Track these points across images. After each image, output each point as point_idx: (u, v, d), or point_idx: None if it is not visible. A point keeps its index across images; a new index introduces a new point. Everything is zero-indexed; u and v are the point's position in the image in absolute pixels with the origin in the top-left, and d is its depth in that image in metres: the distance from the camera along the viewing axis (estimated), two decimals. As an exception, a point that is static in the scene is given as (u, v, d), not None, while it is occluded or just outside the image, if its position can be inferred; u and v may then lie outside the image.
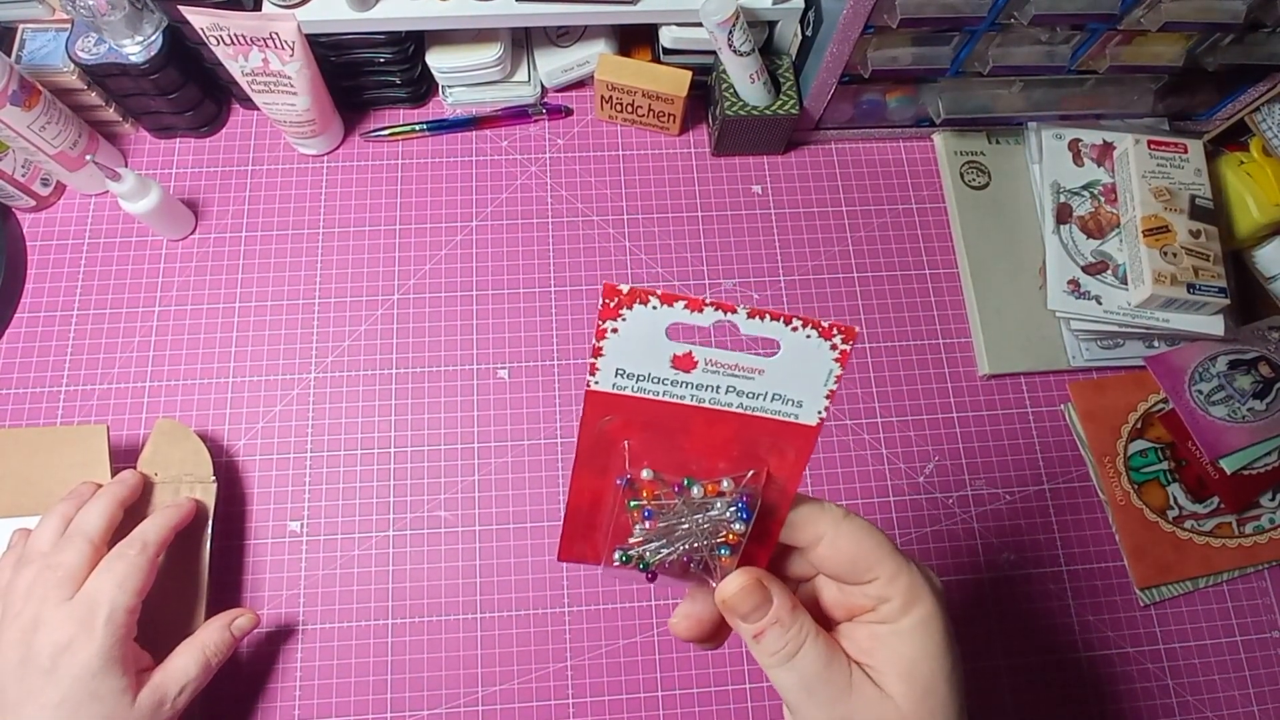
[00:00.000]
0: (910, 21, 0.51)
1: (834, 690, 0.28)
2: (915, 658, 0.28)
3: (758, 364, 0.28)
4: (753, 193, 0.64)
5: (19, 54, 0.55)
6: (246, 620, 0.48)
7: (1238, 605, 0.57)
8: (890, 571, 0.28)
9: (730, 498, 0.28)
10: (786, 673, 0.28)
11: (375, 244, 0.61)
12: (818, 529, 0.29)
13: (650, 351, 0.27)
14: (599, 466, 0.29)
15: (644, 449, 0.29)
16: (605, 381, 0.28)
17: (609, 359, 0.27)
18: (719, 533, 0.29)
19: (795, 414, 0.28)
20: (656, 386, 0.28)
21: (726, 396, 0.28)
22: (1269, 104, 0.61)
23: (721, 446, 0.29)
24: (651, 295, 0.26)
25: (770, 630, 0.28)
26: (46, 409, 0.56)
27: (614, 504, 0.29)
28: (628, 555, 0.29)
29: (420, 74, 0.62)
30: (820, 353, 0.27)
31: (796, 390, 0.28)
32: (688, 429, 0.28)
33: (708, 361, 0.28)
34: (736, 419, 0.28)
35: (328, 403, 0.57)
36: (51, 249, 0.59)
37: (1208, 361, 0.59)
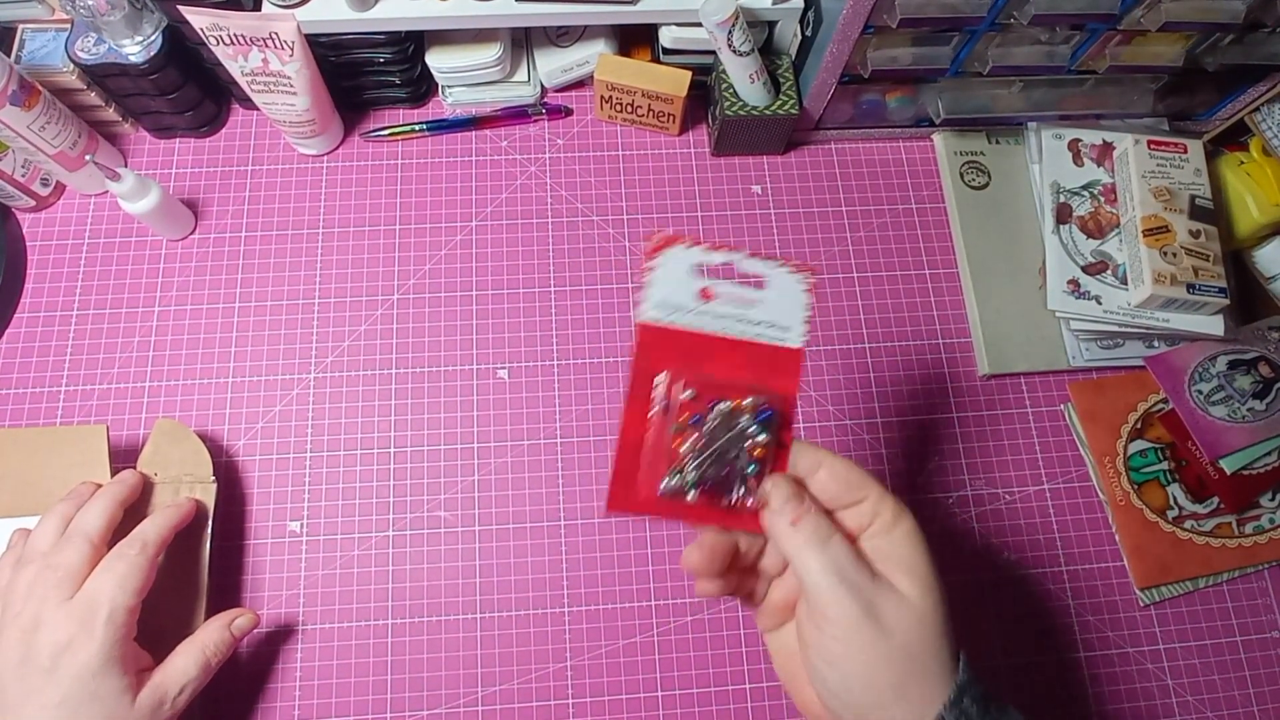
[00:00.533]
0: (910, 21, 0.51)
1: (863, 576, 0.32)
2: (913, 560, 0.33)
3: (755, 295, 0.35)
4: (752, 193, 0.64)
5: (19, 54, 0.55)
6: (246, 620, 0.48)
7: (1238, 605, 0.57)
8: (878, 492, 0.34)
9: (753, 412, 0.34)
10: (821, 557, 0.32)
11: (375, 244, 0.61)
12: (818, 458, 0.34)
13: (683, 284, 0.35)
14: (646, 398, 0.35)
15: (678, 378, 0.35)
16: (650, 312, 0.35)
17: (656, 289, 0.35)
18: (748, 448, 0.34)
19: (784, 338, 0.35)
20: (688, 315, 0.35)
21: (737, 324, 0.35)
22: (1269, 104, 0.61)
23: (737, 370, 0.35)
24: (684, 239, 0.35)
25: (806, 516, 0.33)
26: (46, 409, 0.56)
27: (657, 438, 0.34)
28: (674, 475, 0.34)
29: (420, 74, 0.62)
30: (795, 285, 0.35)
31: (784, 318, 0.35)
32: (713, 356, 0.35)
33: (722, 293, 0.35)
34: (746, 346, 0.35)
35: (328, 403, 0.57)
36: (51, 249, 0.59)
37: (1208, 361, 0.59)
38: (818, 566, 0.32)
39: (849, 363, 0.60)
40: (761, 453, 0.34)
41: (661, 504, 0.34)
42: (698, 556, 0.34)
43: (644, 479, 0.34)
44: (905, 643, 0.32)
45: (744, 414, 0.34)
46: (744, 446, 0.34)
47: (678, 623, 0.54)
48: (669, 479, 0.34)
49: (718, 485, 0.34)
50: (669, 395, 0.34)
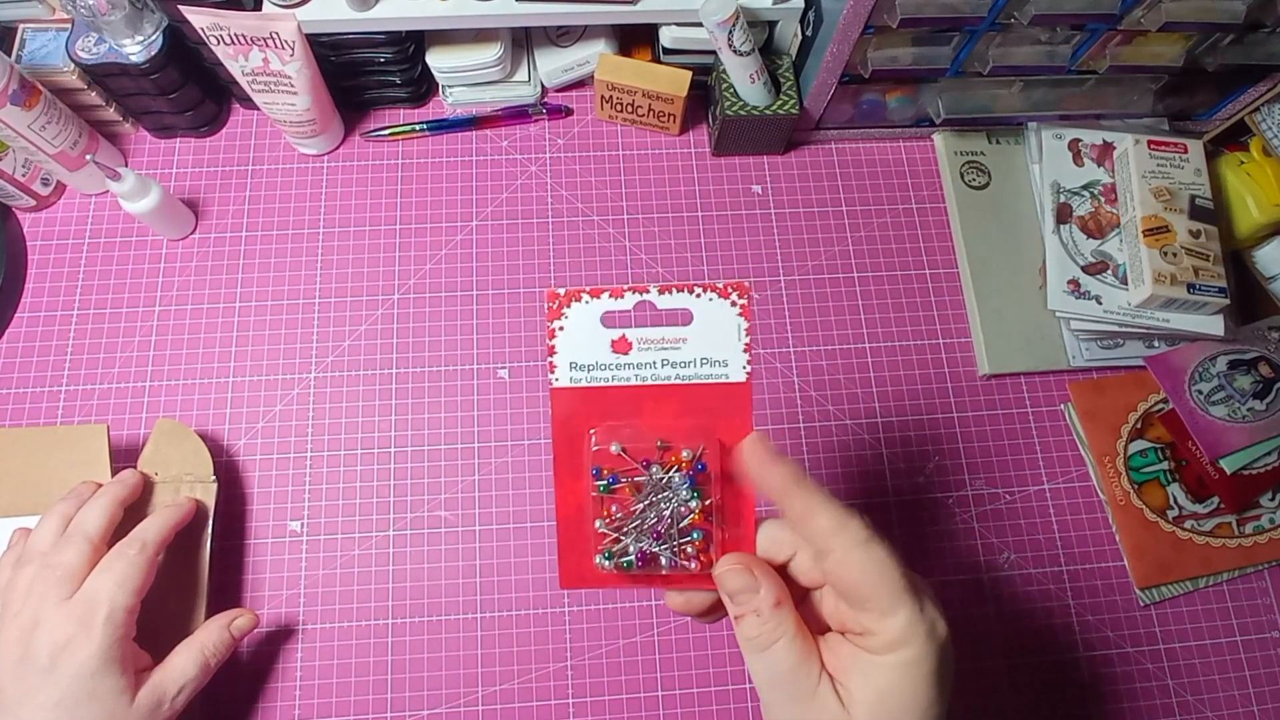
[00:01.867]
0: (910, 21, 0.51)
1: (797, 692, 0.29)
2: (887, 691, 0.28)
3: (680, 333, 0.31)
4: (753, 193, 0.64)
5: (19, 54, 0.55)
6: (246, 621, 0.48)
7: (1238, 605, 0.57)
8: (885, 607, 0.28)
9: (687, 470, 0.31)
10: (757, 660, 0.30)
11: (375, 244, 0.61)
12: (830, 542, 0.29)
13: (593, 341, 0.31)
14: (575, 467, 0.32)
15: (606, 437, 0.32)
16: (563, 377, 0.32)
17: (562, 355, 0.32)
18: (684, 515, 0.31)
19: (725, 374, 0.32)
20: (605, 373, 0.31)
21: (664, 370, 0.31)
22: (1269, 104, 0.61)
23: (673, 421, 0.32)
24: (583, 292, 0.31)
25: (748, 618, 0.30)
26: (46, 409, 0.56)
27: (595, 502, 0.32)
28: (610, 553, 0.31)
29: (420, 74, 0.62)
30: (726, 312, 0.31)
31: (719, 351, 0.31)
32: (640, 409, 0.32)
33: (640, 340, 0.32)
34: (679, 391, 0.32)
35: (328, 403, 0.57)
36: (51, 249, 0.59)
37: (1208, 361, 0.59)
38: (755, 669, 0.30)
39: (849, 363, 0.60)
40: (699, 519, 0.31)
41: (617, 578, 0.32)
42: (679, 601, 0.33)
43: (594, 548, 0.32)
44: None
45: (677, 472, 0.31)
46: (680, 512, 0.31)
47: (678, 623, 0.54)
48: (602, 557, 0.31)
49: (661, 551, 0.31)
50: (596, 460, 0.31)
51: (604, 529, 0.31)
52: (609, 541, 0.31)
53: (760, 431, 0.32)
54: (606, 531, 0.31)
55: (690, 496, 0.31)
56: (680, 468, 0.31)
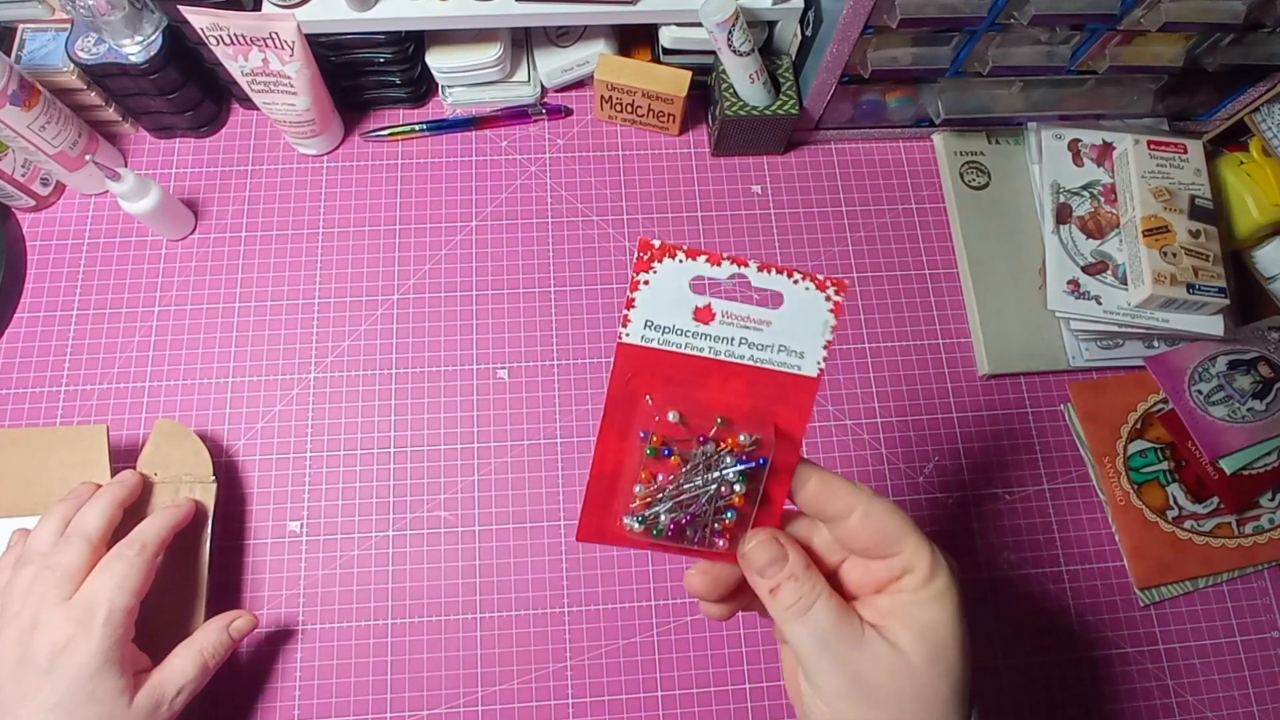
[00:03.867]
0: (910, 21, 0.51)
1: (846, 644, 0.30)
2: (932, 622, 0.30)
3: (766, 315, 0.30)
4: (752, 193, 0.64)
5: (19, 54, 0.55)
6: (245, 622, 0.47)
7: (1237, 605, 0.57)
8: (915, 545, 0.30)
9: (739, 454, 0.30)
10: (802, 625, 0.30)
11: (375, 244, 0.61)
12: (851, 503, 0.31)
13: (676, 304, 0.30)
14: (624, 425, 0.31)
15: (666, 403, 0.30)
16: (635, 334, 0.30)
17: (640, 310, 0.30)
18: (724, 495, 0.30)
19: (798, 365, 0.31)
20: (680, 339, 0.30)
21: (739, 349, 0.30)
22: (1269, 104, 0.61)
23: (735, 400, 0.31)
24: (679, 249, 0.29)
25: (786, 584, 0.30)
26: (46, 409, 0.56)
27: (636, 467, 0.30)
28: (642, 517, 0.30)
29: (420, 74, 0.62)
30: (818, 304, 0.30)
31: (799, 341, 0.31)
32: (705, 382, 0.31)
33: (724, 314, 0.30)
34: (747, 372, 0.31)
35: (328, 403, 0.57)
36: (51, 249, 0.59)
37: (1207, 362, 0.59)
38: (800, 636, 0.30)
39: (849, 363, 0.60)
40: (739, 501, 0.31)
41: (637, 540, 0.31)
42: (699, 581, 0.32)
43: (620, 509, 0.31)
44: (898, 712, 0.29)
45: (729, 454, 0.30)
46: (720, 492, 0.30)
47: (678, 623, 0.54)
48: (632, 520, 0.31)
49: (690, 525, 0.31)
50: (651, 423, 0.30)
51: (643, 492, 0.30)
52: (641, 505, 0.30)
53: None
54: (645, 496, 0.30)
55: (737, 479, 0.30)
56: (734, 450, 0.30)
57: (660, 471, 0.30)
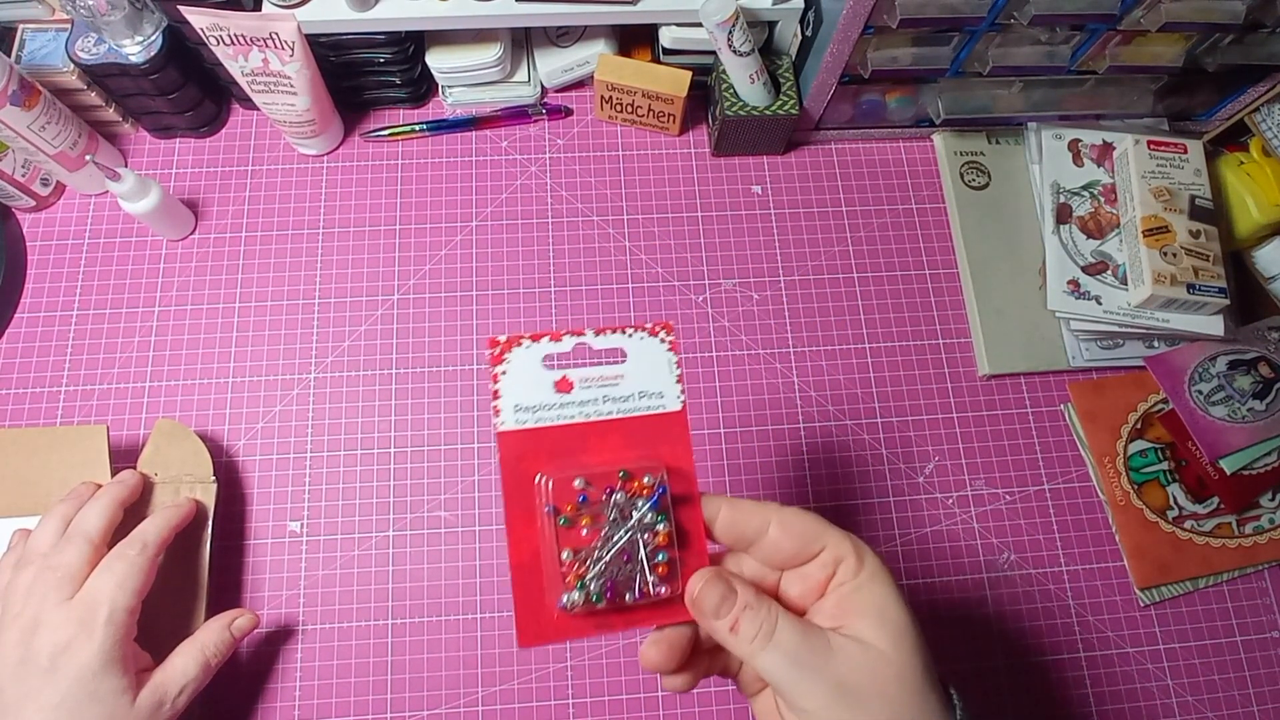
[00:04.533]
0: (910, 22, 0.51)
1: (819, 656, 0.29)
2: (882, 605, 0.31)
3: (617, 371, 0.33)
4: (753, 193, 0.64)
5: (19, 54, 0.55)
6: (246, 621, 0.48)
7: (1238, 605, 0.57)
8: (836, 536, 0.32)
9: (648, 495, 0.32)
10: (771, 654, 0.30)
11: (375, 244, 0.61)
12: (765, 517, 0.32)
13: (536, 383, 0.33)
14: (527, 510, 0.32)
15: (558, 476, 0.32)
16: (509, 420, 0.32)
17: (507, 398, 0.32)
18: (649, 541, 0.31)
19: (662, 404, 0.33)
20: (550, 413, 0.33)
21: (605, 406, 0.33)
22: (1269, 104, 0.61)
23: (618, 453, 0.33)
24: (524, 338, 0.33)
25: (743, 616, 0.30)
26: (46, 409, 0.56)
27: (552, 546, 0.31)
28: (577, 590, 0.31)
29: (420, 74, 0.62)
30: (656, 348, 0.33)
31: (654, 384, 0.33)
32: (586, 445, 0.33)
33: (581, 380, 0.33)
34: (620, 425, 0.33)
35: (328, 403, 0.57)
36: (51, 249, 0.59)
37: (1207, 362, 0.59)
38: (772, 664, 0.29)
39: (849, 363, 0.60)
40: (664, 539, 0.31)
41: (582, 623, 0.31)
42: (655, 654, 0.32)
43: (553, 600, 0.31)
44: (886, 706, 0.29)
45: (639, 498, 0.31)
46: (644, 538, 0.31)
47: (678, 623, 0.54)
48: (568, 595, 0.31)
49: (626, 583, 0.31)
50: (551, 498, 0.31)
51: (570, 559, 0.31)
52: (575, 575, 0.31)
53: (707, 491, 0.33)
54: (572, 562, 0.31)
55: (657, 520, 0.31)
56: (644, 494, 0.32)
57: (578, 542, 0.31)
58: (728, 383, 0.59)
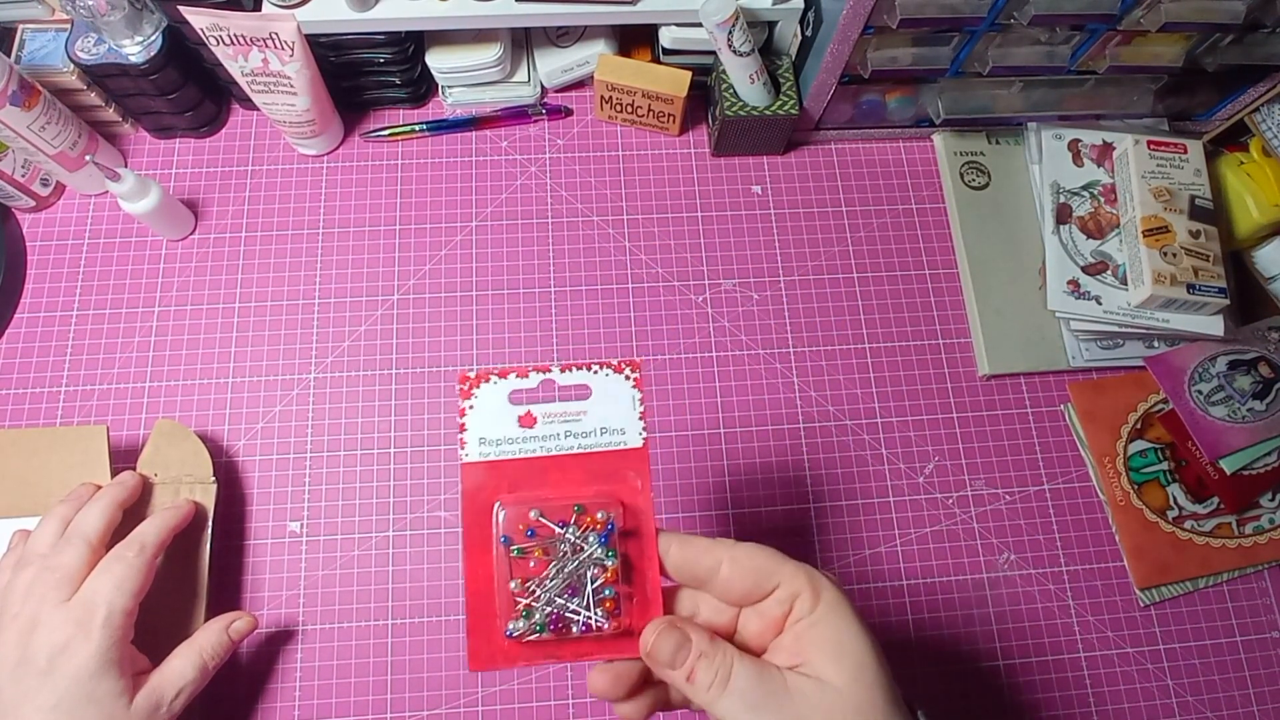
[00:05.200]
0: (910, 22, 0.51)
1: (776, 699, 0.29)
2: (839, 639, 0.30)
3: (581, 407, 0.34)
4: (753, 193, 0.64)
5: (19, 54, 0.55)
6: (244, 623, 0.47)
7: (1237, 606, 0.57)
8: (790, 571, 0.31)
9: (600, 530, 0.32)
10: (728, 700, 0.29)
11: (375, 244, 0.61)
12: (716, 555, 0.31)
13: (501, 418, 0.34)
14: (484, 540, 0.33)
15: (515, 508, 0.33)
16: (473, 452, 0.33)
17: (473, 431, 0.34)
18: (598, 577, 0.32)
19: (623, 441, 0.34)
20: (513, 446, 0.33)
21: (567, 441, 0.34)
22: (1269, 104, 0.61)
23: (578, 488, 0.33)
24: (492, 374, 0.34)
25: (699, 665, 0.30)
26: (46, 409, 0.56)
27: (506, 577, 0.32)
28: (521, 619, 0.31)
29: (420, 74, 0.62)
30: (621, 385, 0.34)
31: (616, 420, 0.34)
32: (545, 479, 0.33)
33: (545, 415, 0.34)
34: (581, 460, 0.33)
35: (328, 403, 0.57)
36: (51, 249, 0.59)
37: (1207, 362, 0.59)
38: (729, 710, 0.29)
39: (849, 363, 0.60)
40: (612, 575, 0.32)
41: (530, 652, 0.32)
42: (601, 681, 0.32)
43: (504, 626, 0.32)
44: None
45: (591, 532, 0.32)
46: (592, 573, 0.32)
47: (678, 623, 0.54)
48: (513, 622, 0.31)
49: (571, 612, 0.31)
50: (505, 528, 0.32)
51: (517, 589, 0.32)
52: (523, 604, 0.31)
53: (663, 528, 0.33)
54: (520, 591, 0.32)
55: (605, 555, 0.32)
56: (595, 529, 0.32)
57: (528, 572, 0.32)
58: (728, 383, 0.59)
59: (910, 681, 0.54)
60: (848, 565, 0.56)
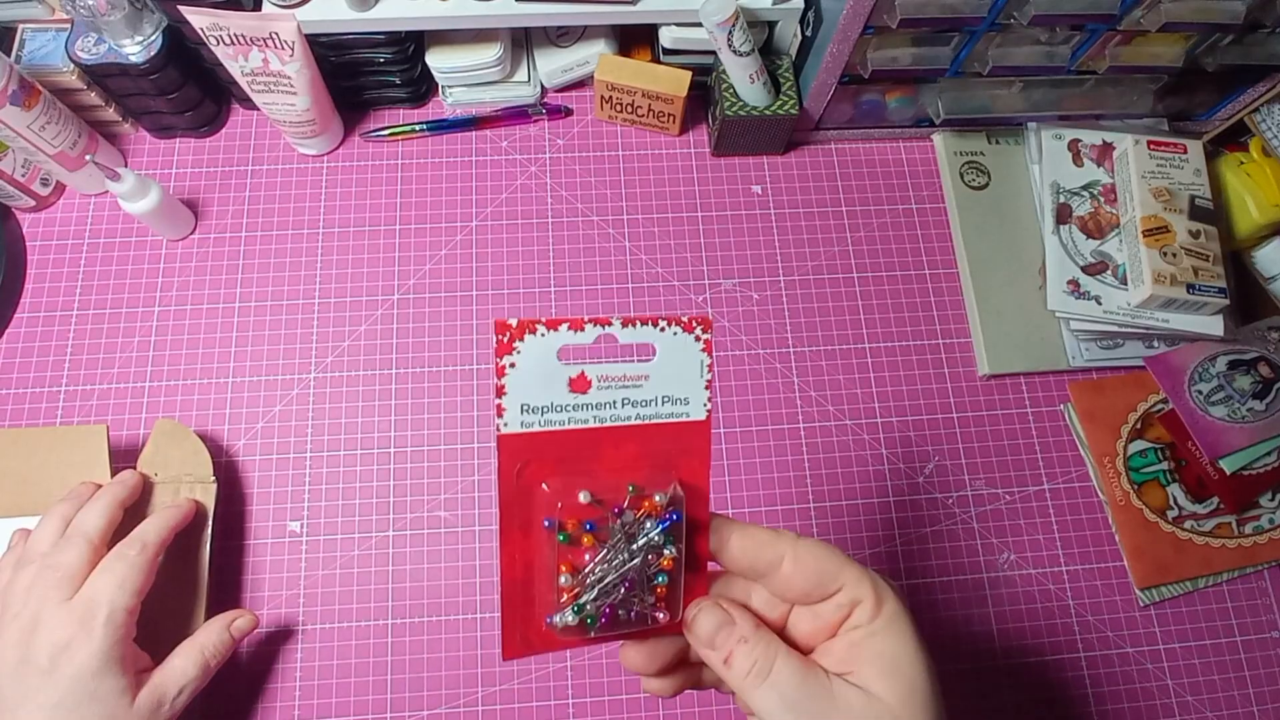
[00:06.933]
0: (910, 22, 0.51)
1: (818, 702, 0.27)
2: (896, 655, 0.28)
3: (642, 370, 0.29)
4: (753, 193, 0.64)
5: (19, 54, 0.55)
6: (245, 621, 0.48)
7: (1237, 605, 0.57)
8: (855, 575, 0.29)
9: (659, 516, 0.29)
10: (766, 693, 0.28)
11: (375, 244, 0.61)
12: (779, 550, 0.29)
13: (548, 380, 0.28)
14: (524, 521, 0.29)
15: (567, 487, 0.28)
16: (513, 422, 0.28)
17: (513, 396, 0.28)
18: (653, 562, 0.29)
19: (686, 412, 0.30)
20: (561, 415, 0.28)
21: (624, 410, 0.29)
22: (1268, 104, 0.61)
23: (632, 464, 0.29)
24: (538, 323, 0.27)
25: (738, 649, 0.28)
26: (46, 409, 0.56)
27: (549, 562, 0.28)
28: (572, 611, 0.28)
29: (420, 74, 0.62)
30: (690, 347, 0.29)
31: (680, 388, 0.29)
32: (598, 454, 0.29)
33: (600, 378, 0.28)
34: (638, 431, 0.29)
35: (328, 403, 0.57)
36: (51, 249, 0.59)
37: (1207, 362, 0.59)
38: (766, 703, 0.28)
39: (849, 363, 0.60)
40: (669, 564, 0.29)
41: (567, 636, 0.29)
42: (635, 656, 0.30)
43: (542, 611, 0.29)
44: None
45: (649, 519, 0.28)
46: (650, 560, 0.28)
47: (678, 623, 0.54)
48: (561, 615, 0.28)
49: (623, 605, 0.28)
50: (554, 511, 0.28)
51: (569, 583, 0.28)
52: (571, 597, 0.28)
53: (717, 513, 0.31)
54: (570, 586, 0.28)
55: (665, 542, 0.29)
56: (653, 514, 0.29)
57: (576, 560, 0.28)
58: (728, 383, 0.59)
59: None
60: (848, 565, 0.56)
